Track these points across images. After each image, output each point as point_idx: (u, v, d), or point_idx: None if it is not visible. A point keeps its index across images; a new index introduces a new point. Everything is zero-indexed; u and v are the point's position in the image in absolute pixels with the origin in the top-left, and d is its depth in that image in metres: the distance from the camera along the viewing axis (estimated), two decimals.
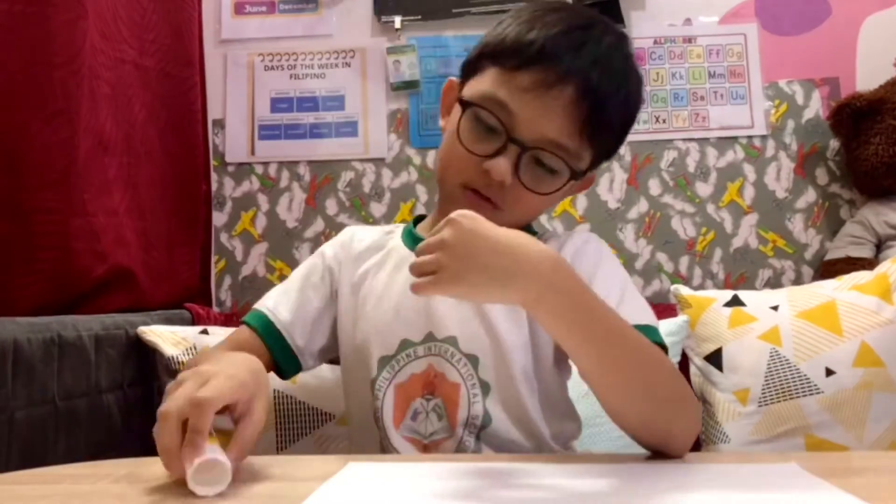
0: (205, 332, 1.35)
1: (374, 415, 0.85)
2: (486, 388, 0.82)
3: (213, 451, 0.59)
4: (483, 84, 0.80)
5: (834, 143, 1.71)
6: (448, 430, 0.81)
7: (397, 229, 0.95)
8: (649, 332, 0.75)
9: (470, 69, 0.84)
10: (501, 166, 0.76)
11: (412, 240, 0.90)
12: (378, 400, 0.84)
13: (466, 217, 0.65)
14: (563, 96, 0.75)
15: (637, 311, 0.78)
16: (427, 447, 0.82)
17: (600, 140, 0.80)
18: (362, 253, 0.92)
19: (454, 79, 0.89)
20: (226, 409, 0.64)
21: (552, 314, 0.65)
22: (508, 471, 0.65)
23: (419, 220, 0.97)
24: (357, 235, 0.95)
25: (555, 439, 0.84)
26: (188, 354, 1.29)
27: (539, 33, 0.77)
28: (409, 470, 0.66)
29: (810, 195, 1.72)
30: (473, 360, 0.82)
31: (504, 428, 0.82)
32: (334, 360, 0.95)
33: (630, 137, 1.72)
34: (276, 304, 0.90)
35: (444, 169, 0.84)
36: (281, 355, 0.88)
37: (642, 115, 1.75)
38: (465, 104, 0.80)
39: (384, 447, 0.84)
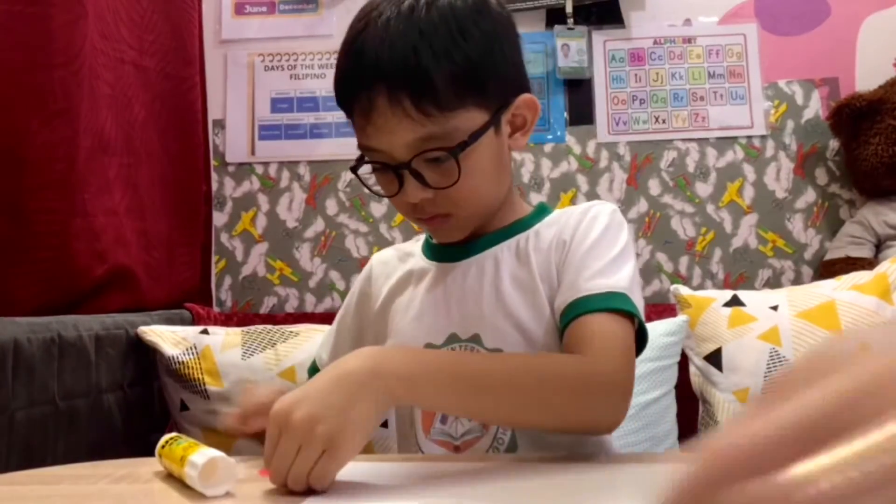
0: (205, 332, 1.35)
1: (410, 423, 0.85)
2: None
3: (215, 451, 0.59)
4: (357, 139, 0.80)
5: (833, 144, 1.71)
6: (480, 428, 0.80)
7: (416, 245, 0.95)
8: (609, 299, 0.74)
9: None
10: (411, 190, 0.75)
11: (432, 250, 0.90)
12: (412, 408, 0.84)
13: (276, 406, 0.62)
14: (382, 105, 0.72)
15: (615, 281, 0.75)
16: (458, 448, 0.81)
17: (453, 100, 0.73)
18: (381, 279, 0.93)
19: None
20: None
21: (411, 390, 0.65)
22: (508, 470, 0.65)
23: None
24: (375, 263, 0.96)
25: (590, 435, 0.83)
26: (188, 354, 1.29)
27: (338, 73, 0.77)
28: (409, 470, 0.66)
29: (810, 195, 1.72)
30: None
31: None
32: None
33: (630, 137, 1.75)
34: (321, 351, 0.96)
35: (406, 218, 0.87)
36: None
37: (642, 115, 1.75)
38: (355, 169, 0.81)
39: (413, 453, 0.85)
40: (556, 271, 0.80)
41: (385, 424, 1.22)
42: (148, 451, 0.68)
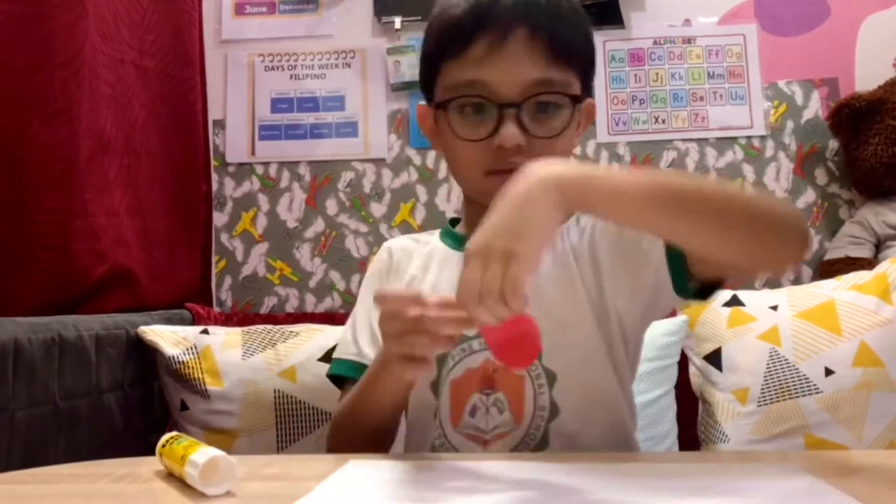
0: (205, 331, 1.35)
1: (433, 415, 0.83)
2: (551, 378, 0.80)
3: (215, 450, 0.59)
4: (446, 81, 0.81)
5: (833, 144, 1.71)
6: (511, 423, 0.79)
7: (432, 235, 0.95)
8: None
9: (428, 84, 0.86)
10: (510, 132, 0.76)
11: (454, 239, 0.90)
12: (437, 399, 0.83)
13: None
14: (518, 40, 0.76)
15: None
16: (488, 442, 0.80)
17: (574, 58, 0.80)
18: (404, 262, 0.92)
19: (422, 104, 0.89)
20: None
21: (608, 197, 0.63)
22: (507, 470, 0.65)
23: (453, 223, 0.95)
24: (394, 248, 0.95)
25: (616, 432, 0.83)
26: (188, 354, 1.29)
27: (460, 6, 0.79)
28: (408, 469, 0.66)
29: (809, 195, 1.72)
30: None
31: (570, 419, 0.79)
32: None
33: (630, 137, 1.75)
34: (359, 347, 0.90)
35: (460, 172, 0.84)
36: None
37: (641, 115, 1.76)
38: (442, 104, 0.81)
39: (435, 447, 0.82)
40: (599, 265, 0.80)
41: None
42: (148, 451, 0.68)
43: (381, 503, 0.56)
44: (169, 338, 1.31)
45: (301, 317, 1.64)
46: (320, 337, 1.33)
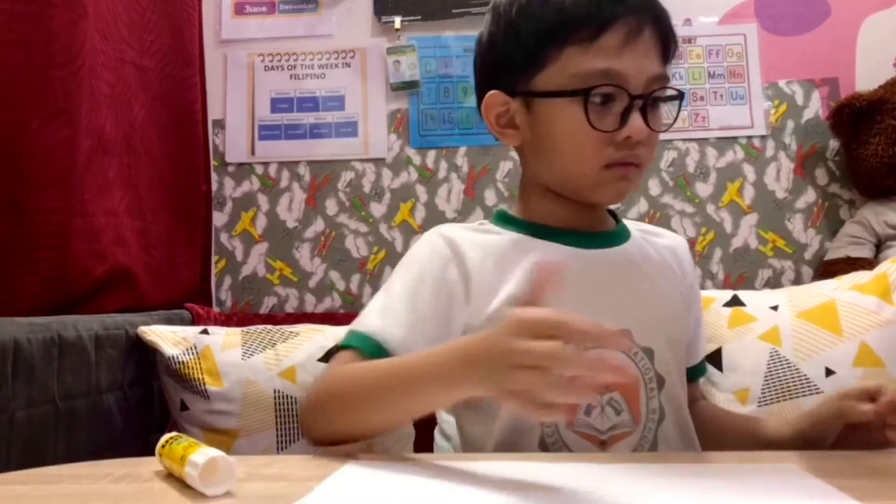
0: (205, 332, 1.35)
1: None
2: (661, 382, 0.80)
3: (215, 451, 0.59)
4: (570, 68, 0.76)
5: (834, 144, 1.71)
6: (631, 423, 0.78)
7: (483, 224, 0.87)
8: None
9: (520, 70, 0.79)
10: (640, 124, 0.76)
11: (519, 225, 0.83)
12: None
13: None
14: (649, 33, 0.77)
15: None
16: (605, 443, 0.77)
17: (670, 55, 0.82)
18: (466, 249, 0.81)
19: (495, 92, 0.82)
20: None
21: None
22: (507, 470, 0.65)
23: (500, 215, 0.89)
24: (455, 237, 0.83)
25: (694, 439, 0.83)
26: (188, 354, 1.29)
27: None
28: (408, 469, 0.66)
29: (810, 195, 1.72)
30: (649, 352, 0.79)
31: (671, 424, 0.80)
32: None
33: None
34: (391, 326, 0.77)
35: (574, 164, 0.79)
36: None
37: None
38: (566, 93, 0.76)
39: (547, 444, 0.77)
40: (687, 307, 0.88)
41: None
42: (148, 451, 0.68)
43: (381, 503, 0.56)
44: (169, 338, 1.31)
45: (301, 317, 1.64)
46: (320, 337, 1.33)
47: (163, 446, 0.64)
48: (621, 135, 0.75)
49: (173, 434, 0.65)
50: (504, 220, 0.86)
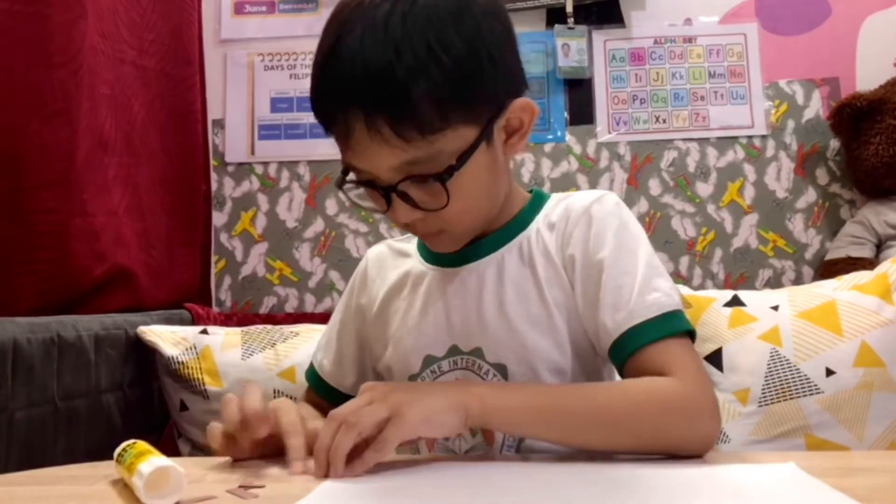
0: (204, 332, 1.35)
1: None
2: None
3: (165, 461, 0.57)
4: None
5: (834, 143, 1.71)
6: (482, 446, 0.79)
7: (411, 241, 0.90)
8: (665, 323, 0.71)
9: None
10: (398, 212, 0.72)
11: (429, 252, 0.85)
12: None
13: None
14: (359, 126, 0.66)
15: (660, 297, 0.72)
16: None
17: (435, 118, 0.66)
18: (377, 277, 0.90)
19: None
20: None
21: (506, 420, 0.68)
22: (507, 472, 0.65)
23: None
24: (371, 260, 0.92)
25: None
26: (188, 354, 1.29)
27: (312, 89, 0.71)
28: (408, 470, 0.66)
29: (810, 195, 1.72)
30: (502, 369, 0.77)
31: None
32: None
33: (630, 137, 1.75)
34: (321, 357, 0.93)
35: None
36: (338, 400, 0.79)
37: (642, 114, 1.75)
38: (338, 184, 0.77)
39: None
40: (572, 287, 0.77)
41: None
42: None
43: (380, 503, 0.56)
44: (168, 338, 1.31)
45: (300, 317, 1.64)
46: (320, 337, 1.32)
47: (119, 454, 0.62)
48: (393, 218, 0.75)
49: (131, 442, 0.64)
50: (421, 242, 0.88)
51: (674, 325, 0.72)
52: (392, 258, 0.91)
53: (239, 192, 1.81)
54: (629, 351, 0.71)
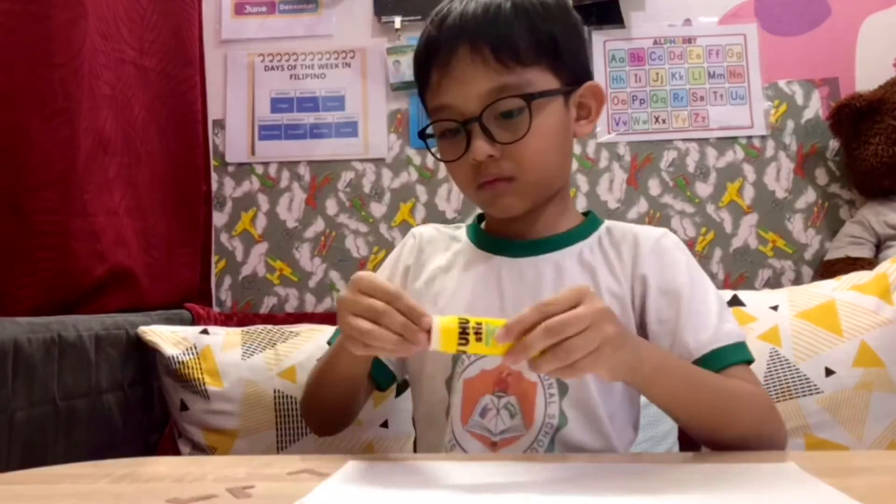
0: (205, 332, 1.35)
1: (445, 412, 0.84)
2: (563, 388, 0.81)
3: None
4: (427, 111, 0.87)
5: (834, 144, 1.71)
6: (521, 428, 0.81)
7: (459, 229, 0.96)
8: (740, 350, 0.80)
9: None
10: (477, 146, 0.78)
11: (481, 237, 0.91)
12: (450, 396, 0.84)
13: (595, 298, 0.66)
14: (463, 52, 0.78)
15: (734, 327, 0.82)
16: (496, 445, 0.81)
17: (531, 55, 0.79)
18: (428, 253, 0.94)
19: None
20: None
21: (661, 387, 0.72)
22: (508, 471, 0.65)
23: (480, 218, 0.96)
24: (422, 236, 0.96)
25: (619, 444, 0.84)
26: (188, 354, 1.29)
27: (420, 41, 0.85)
28: (408, 469, 0.66)
29: (810, 195, 1.72)
30: None
31: (578, 430, 0.81)
32: None
33: (630, 137, 1.75)
34: None
35: (461, 189, 0.88)
36: (375, 370, 0.91)
37: (642, 115, 1.76)
38: (423, 136, 0.86)
39: (447, 449, 0.83)
40: (633, 303, 0.83)
41: (385, 424, 1.22)
42: (148, 452, 0.68)
43: (380, 503, 0.56)
44: (169, 338, 1.31)
45: (301, 317, 1.64)
46: (320, 337, 1.32)
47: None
48: (469, 159, 0.80)
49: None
50: (474, 224, 0.95)
51: (746, 354, 0.81)
52: (442, 240, 0.95)
53: (239, 192, 1.81)
54: (714, 369, 0.78)
